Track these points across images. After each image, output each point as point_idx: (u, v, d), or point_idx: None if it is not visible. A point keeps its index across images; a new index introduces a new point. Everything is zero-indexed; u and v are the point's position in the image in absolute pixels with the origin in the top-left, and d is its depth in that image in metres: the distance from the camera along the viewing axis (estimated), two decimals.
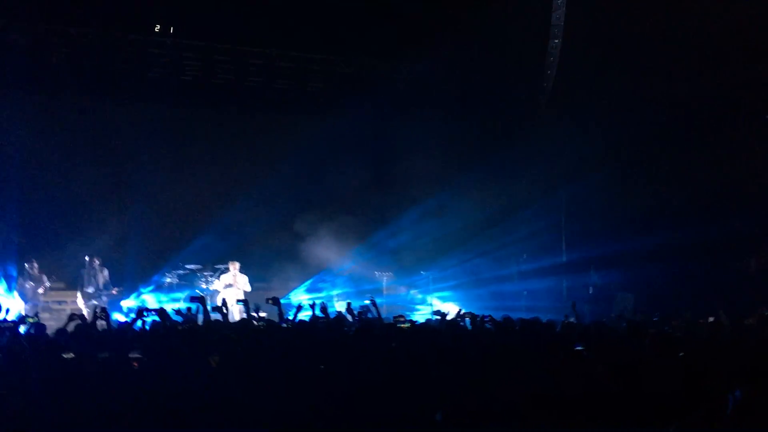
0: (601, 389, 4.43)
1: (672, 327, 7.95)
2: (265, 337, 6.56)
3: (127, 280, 14.22)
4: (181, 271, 14.17)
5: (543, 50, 14.65)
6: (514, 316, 8.70)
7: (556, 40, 14.46)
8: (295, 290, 15.01)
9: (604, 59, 13.87)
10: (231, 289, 13.57)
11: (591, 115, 14.49)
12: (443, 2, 14.17)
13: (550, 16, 14.30)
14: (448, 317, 8.25)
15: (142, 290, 13.99)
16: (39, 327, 7.45)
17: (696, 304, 11.50)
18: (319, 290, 15.09)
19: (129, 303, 13.46)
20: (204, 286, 13.94)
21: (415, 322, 8.03)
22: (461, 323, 7.99)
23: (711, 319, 8.44)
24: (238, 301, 9.89)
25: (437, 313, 9.30)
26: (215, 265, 14.21)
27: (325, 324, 8.04)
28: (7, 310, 7.65)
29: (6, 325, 6.97)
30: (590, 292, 14.46)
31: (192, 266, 14.21)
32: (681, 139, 14.03)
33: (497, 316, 8.93)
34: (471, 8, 13.71)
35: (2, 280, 13.07)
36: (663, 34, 13.11)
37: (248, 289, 13.68)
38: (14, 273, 13.29)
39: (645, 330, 6.87)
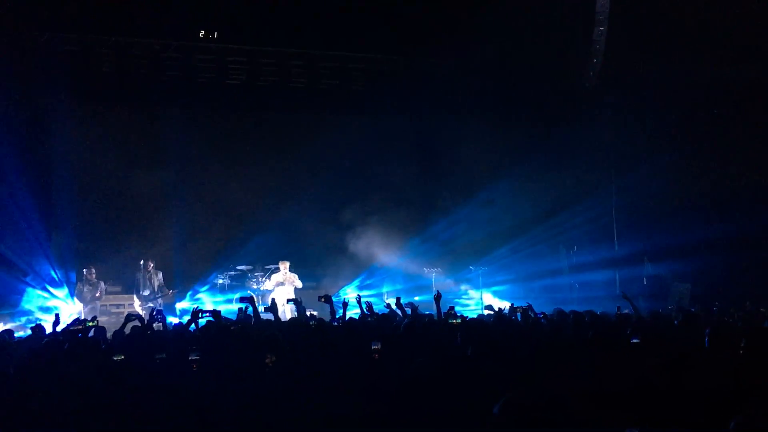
0: (659, 383, 4.33)
1: (732, 318, 7.71)
2: (317, 336, 6.61)
3: (181, 283, 14.55)
4: (232, 272, 14.43)
5: (588, 38, 14.35)
6: (567, 309, 8.59)
7: (602, 27, 14.16)
8: (345, 288, 15.09)
9: (651, 45, 13.53)
10: (282, 288, 13.73)
11: (640, 102, 14.17)
12: None
13: (595, 2, 14.01)
14: (500, 312, 8.16)
15: (198, 291, 14.28)
16: (99, 330, 7.68)
17: (755, 294, 11.18)
18: (368, 287, 15.14)
19: (183, 305, 13.75)
20: (255, 286, 14.14)
21: (466, 317, 7.97)
22: (513, 318, 7.90)
23: None
24: (289, 300, 10.00)
25: (488, 308, 9.23)
26: (265, 265, 14.42)
27: (375, 321, 8.08)
28: (57, 316, 7.88)
29: (74, 328, 7.19)
30: (645, 283, 14.14)
31: (243, 267, 14.46)
32: (735, 125, 13.57)
33: (549, 309, 8.83)
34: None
35: (64, 285, 13.52)
36: (711, 16, 12.71)
37: (299, 285, 13.82)
38: (73, 278, 13.74)
39: (703, 321, 6.70)
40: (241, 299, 8.62)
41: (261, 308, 9.44)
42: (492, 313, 8.54)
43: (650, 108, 14.04)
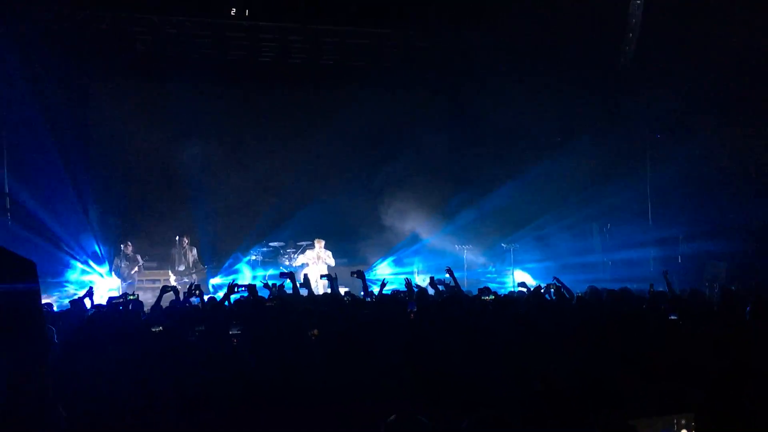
0: (698, 361, 4.30)
1: None
2: (349, 311, 6.68)
3: (214, 258, 14.77)
4: (265, 249, 14.60)
5: (625, 11, 14.05)
6: (600, 287, 8.52)
7: (638, 1, 13.86)
8: (377, 264, 15.17)
9: (688, 17, 13.19)
10: (315, 264, 13.85)
11: (676, 77, 13.85)
12: None
13: None
14: (536, 289, 8.14)
15: (234, 266, 14.47)
16: (137, 304, 7.84)
17: None
18: (400, 264, 15.20)
19: (217, 281, 13.97)
20: (287, 262, 14.29)
21: (499, 294, 7.97)
22: (546, 295, 7.88)
23: None
24: (322, 276, 10.09)
25: (522, 285, 9.21)
26: (298, 242, 14.55)
27: (406, 297, 8.11)
28: (91, 289, 8.04)
29: (116, 300, 7.36)
30: (679, 261, 13.95)
31: (275, 243, 14.62)
32: None
33: (582, 288, 8.78)
34: None
35: (105, 261, 13.82)
36: None
37: (332, 263, 13.92)
38: (112, 253, 14.03)
39: (742, 299, 6.61)
40: (282, 274, 8.76)
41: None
42: (525, 290, 8.52)
43: (686, 82, 13.71)
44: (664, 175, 14.40)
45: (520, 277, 14.11)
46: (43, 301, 9.78)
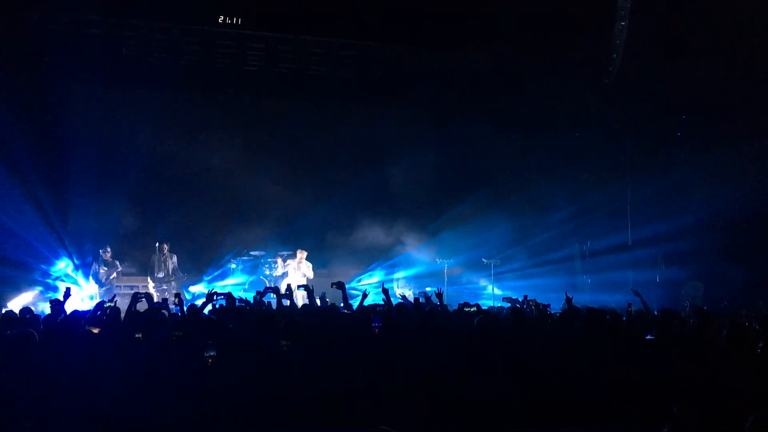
0: (673, 380, 4.34)
1: (747, 319, 7.67)
2: (325, 322, 6.65)
3: (195, 266, 14.66)
4: (245, 257, 14.52)
5: (609, 33, 14.25)
6: (578, 303, 8.57)
7: (623, 23, 14.05)
8: (358, 276, 15.15)
9: (671, 42, 13.42)
10: (295, 274, 13.81)
11: (657, 98, 14.05)
12: None
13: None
14: (517, 303, 8.16)
15: (210, 275, 14.38)
16: (113, 310, 7.74)
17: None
18: (381, 275, 15.18)
19: (197, 288, 13.86)
20: (267, 272, 14.23)
21: (481, 306, 7.98)
22: (527, 310, 7.91)
23: None
24: (299, 286, 10.06)
25: (507, 299, 9.24)
26: (279, 251, 14.49)
27: (386, 311, 8.08)
28: (68, 290, 7.91)
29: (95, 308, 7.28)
30: (657, 281, 14.07)
31: (256, 252, 14.55)
32: (753, 126, 13.33)
33: (560, 304, 8.83)
34: None
35: (80, 269, 13.63)
36: (730, 16, 12.55)
37: (310, 275, 13.88)
38: (90, 259, 13.86)
39: (717, 320, 6.67)
40: (266, 289, 8.89)
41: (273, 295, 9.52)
42: (509, 305, 8.55)
43: (667, 103, 13.91)
44: (644, 197, 14.57)
45: (499, 293, 14.18)
46: (22, 305, 9.71)
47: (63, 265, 13.35)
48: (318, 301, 9.18)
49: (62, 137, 14.29)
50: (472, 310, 6.96)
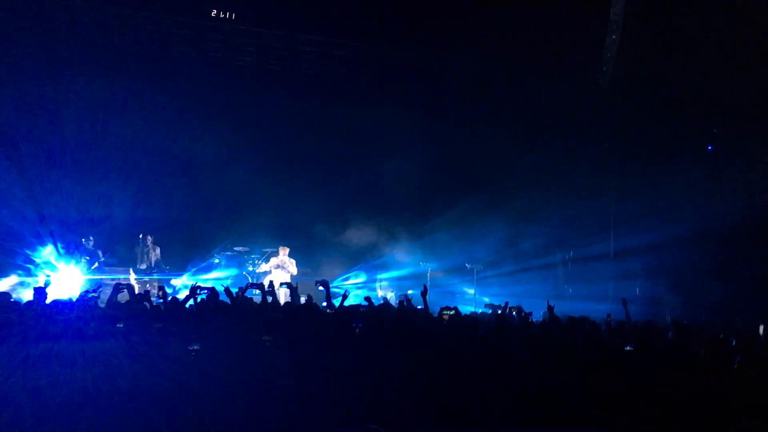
0: (652, 391, 4.39)
1: (725, 333, 7.76)
2: (305, 321, 6.64)
3: (178, 259, 14.59)
4: (229, 252, 14.47)
5: (600, 45, 14.38)
6: (559, 312, 8.62)
7: (614, 36, 14.19)
8: (342, 276, 15.15)
9: (661, 54, 13.56)
10: (278, 271, 13.78)
11: (646, 111, 14.18)
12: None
13: (609, 11, 14.02)
14: (499, 309, 8.20)
15: (193, 269, 14.31)
16: (94, 299, 7.68)
17: (746, 311, 11.28)
18: (364, 276, 15.20)
19: (180, 281, 13.79)
20: (251, 268, 14.20)
21: (459, 311, 8.01)
22: (509, 317, 7.95)
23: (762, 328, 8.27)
24: (282, 284, 10.06)
25: (489, 305, 9.26)
26: (263, 248, 14.46)
27: (367, 312, 8.08)
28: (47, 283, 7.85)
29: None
30: (637, 293, 14.19)
31: (240, 248, 14.50)
32: (741, 139, 13.47)
33: (540, 312, 8.88)
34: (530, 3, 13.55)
35: (64, 256, 13.52)
36: (722, 29, 12.68)
37: (294, 272, 13.86)
38: (72, 248, 13.73)
39: (696, 334, 6.74)
40: (250, 285, 8.82)
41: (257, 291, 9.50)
42: (491, 311, 8.59)
43: (657, 115, 14.04)
44: (629, 207, 14.70)
45: (483, 298, 14.24)
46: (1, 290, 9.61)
47: (46, 252, 13.22)
48: (302, 299, 9.17)
49: (49, 125, 14.16)
50: (450, 313, 6.96)
